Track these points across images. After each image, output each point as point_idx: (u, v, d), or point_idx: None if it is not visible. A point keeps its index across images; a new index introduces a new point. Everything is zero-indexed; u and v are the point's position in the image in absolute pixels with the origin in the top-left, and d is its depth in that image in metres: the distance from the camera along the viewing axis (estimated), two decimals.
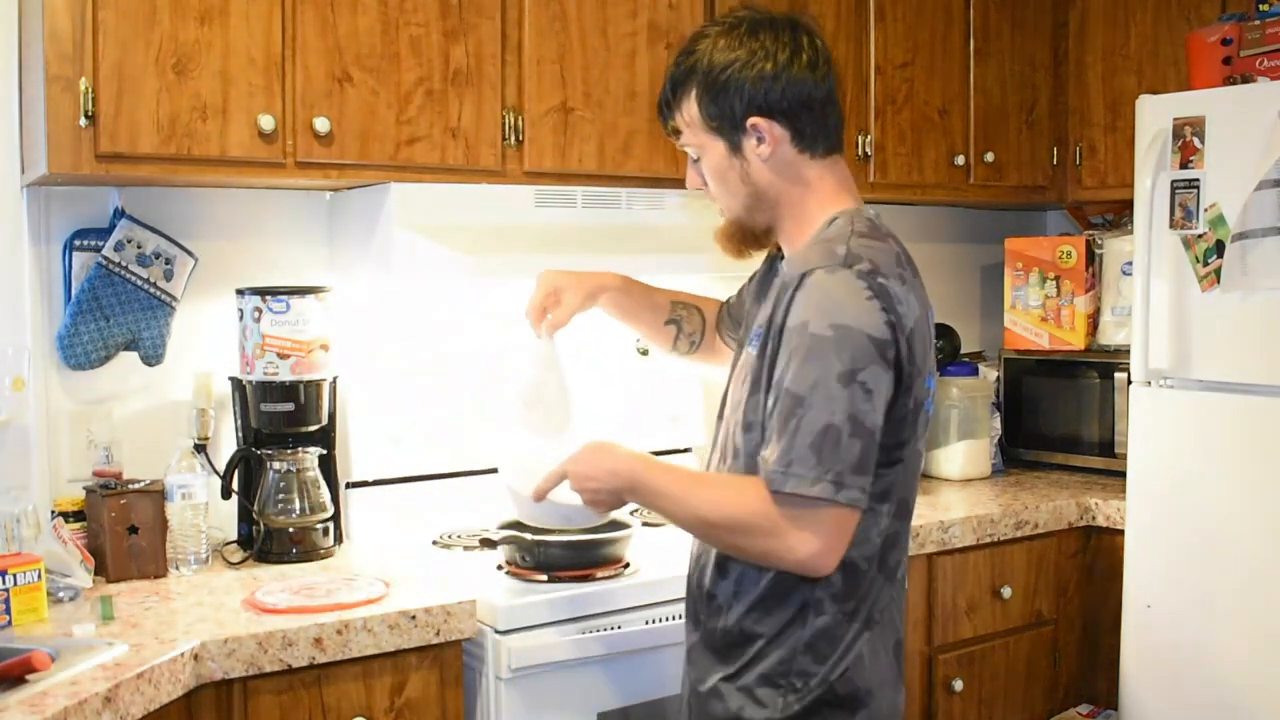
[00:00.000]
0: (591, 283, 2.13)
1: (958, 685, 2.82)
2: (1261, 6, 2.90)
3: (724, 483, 1.73)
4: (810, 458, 1.56)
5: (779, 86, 1.70)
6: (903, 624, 1.82)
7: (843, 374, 1.57)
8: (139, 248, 2.41)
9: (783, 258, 1.83)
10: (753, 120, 1.71)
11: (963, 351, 3.56)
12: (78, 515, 2.28)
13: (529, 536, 2.28)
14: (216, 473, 2.46)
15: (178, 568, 2.29)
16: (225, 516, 2.51)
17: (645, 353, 3.06)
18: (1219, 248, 2.65)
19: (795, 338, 1.61)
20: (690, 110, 1.76)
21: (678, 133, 1.81)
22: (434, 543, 2.54)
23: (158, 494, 2.27)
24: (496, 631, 2.10)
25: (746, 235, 1.81)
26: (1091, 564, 3.09)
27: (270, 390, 2.40)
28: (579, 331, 2.21)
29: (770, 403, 1.64)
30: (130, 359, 2.44)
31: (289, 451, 2.43)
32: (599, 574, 2.24)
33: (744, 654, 1.74)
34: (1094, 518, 3.04)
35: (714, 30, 1.75)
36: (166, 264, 2.44)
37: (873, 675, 1.73)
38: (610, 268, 2.58)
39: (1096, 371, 3.31)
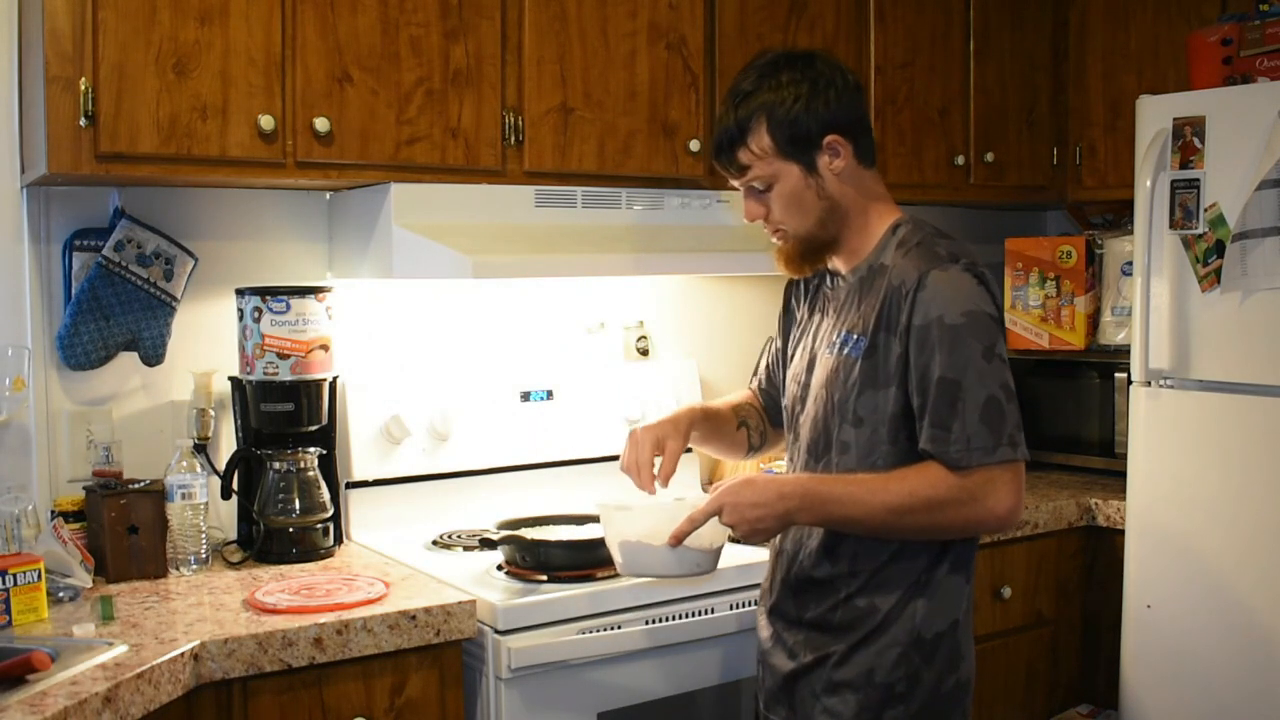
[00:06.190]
0: (683, 423, 2.11)
1: None
2: (1261, 6, 2.90)
3: (901, 474, 1.83)
4: (983, 430, 1.78)
5: (843, 107, 1.91)
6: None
7: (985, 351, 1.81)
8: (139, 248, 2.40)
9: (828, 272, 2.02)
10: (830, 138, 1.89)
11: None
12: (78, 515, 2.28)
13: (529, 536, 2.29)
14: (216, 473, 2.46)
15: (178, 568, 2.29)
16: (225, 516, 2.51)
17: (645, 353, 3.07)
18: (1219, 248, 2.65)
19: (934, 331, 1.81)
20: (762, 142, 1.90)
21: (743, 169, 1.92)
22: (434, 543, 2.54)
23: (158, 494, 2.27)
24: (496, 631, 2.10)
25: (812, 252, 1.96)
26: (1091, 564, 3.09)
27: (270, 390, 2.40)
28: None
29: (917, 395, 1.83)
30: (130, 359, 2.44)
31: (289, 451, 2.43)
32: (599, 574, 2.23)
33: (870, 623, 1.90)
34: (1094, 518, 3.04)
35: (763, 70, 1.92)
36: (166, 264, 2.44)
37: (967, 634, 1.95)
38: (610, 267, 2.59)
39: (1096, 371, 3.31)
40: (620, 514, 1.98)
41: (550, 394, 2.84)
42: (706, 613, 2.28)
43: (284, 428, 2.44)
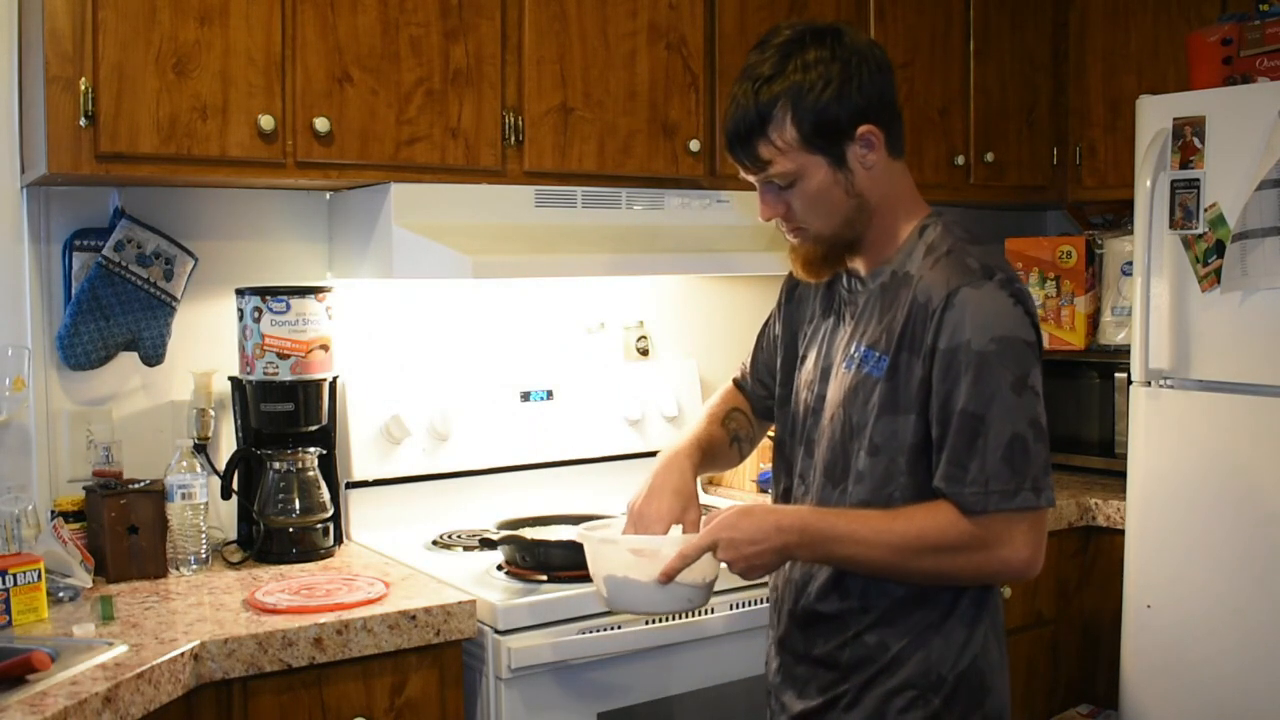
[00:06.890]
0: (690, 486, 1.89)
1: None
2: (1261, 6, 2.90)
3: (909, 512, 1.67)
4: (1004, 471, 1.62)
5: (877, 90, 1.69)
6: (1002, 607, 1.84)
7: (1015, 383, 1.62)
8: (139, 248, 2.41)
9: (845, 271, 1.81)
10: (864, 128, 1.68)
11: None
12: (78, 515, 2.28)
13: (529, 536, 2.29)
14: (216, 473, 2.46)
15: (178, 568, 2.29)
16: (225, 516, 2.51)
17: (645, 353, 3.07)
18: (1219, 248, 2.65)
19: (960, 357, 1.63)
20: (786, 135, 1.67)
21: (763, 164, 1.70)
22: (434, 543, 2.54)
23: (158, 494, 2.27)
24: (496, 631, 2.10)
25: (835, 253, 1.76)
26: (1091, 564, 3.09)
27: (270, 390, 2.40)
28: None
29: (936, 425, 1.65)
30: (130, 359, 2.44)
31: (289, 451, 2.43)
32: None
33: (880, 662, 1.73)
34: (1094, 518, 3.04)
35: (785, 49, 1.69)
36: (166, 264, 2.44)
37: (993, 663, 1.77)
38: (610, 267, 2.59)
39: (1096, 371, 3.31)
40: (606, 548, 1.83)
41: (550, 394, 2.84)
42: (706, 613, 2.28)
43: (284, 428, 2.44)
